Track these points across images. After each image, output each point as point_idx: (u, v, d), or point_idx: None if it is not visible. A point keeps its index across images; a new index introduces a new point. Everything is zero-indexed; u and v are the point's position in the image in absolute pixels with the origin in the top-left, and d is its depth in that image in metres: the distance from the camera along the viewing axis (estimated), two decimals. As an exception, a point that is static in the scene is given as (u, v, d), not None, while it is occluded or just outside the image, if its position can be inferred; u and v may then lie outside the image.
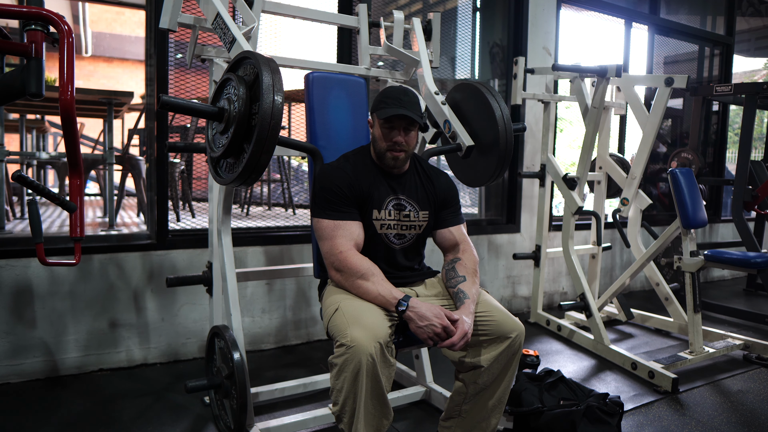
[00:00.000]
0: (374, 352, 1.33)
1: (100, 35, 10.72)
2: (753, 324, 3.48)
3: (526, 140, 3.63)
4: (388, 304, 1.47)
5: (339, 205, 1.58)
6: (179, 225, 3.11)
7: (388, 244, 1.67)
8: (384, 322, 1.43)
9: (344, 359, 1.34)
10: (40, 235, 1.58)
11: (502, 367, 1.56)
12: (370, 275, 1.50)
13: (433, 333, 1.42)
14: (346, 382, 1.35)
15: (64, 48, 1.41)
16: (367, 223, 1.63)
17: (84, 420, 1.97)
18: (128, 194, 5.50)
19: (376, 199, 1.63)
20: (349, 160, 1.67)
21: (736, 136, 5.21)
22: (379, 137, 1.64)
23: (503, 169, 1.90)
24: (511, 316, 1.58)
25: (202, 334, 2.61)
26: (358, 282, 1.50)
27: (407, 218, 1.68)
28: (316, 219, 1.59)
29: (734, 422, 2.09)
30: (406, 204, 1.68)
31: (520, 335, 1.55)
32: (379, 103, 1.64)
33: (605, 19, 4.17)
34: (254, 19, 1.89)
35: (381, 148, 1.64)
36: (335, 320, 1.45)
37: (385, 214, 1.64)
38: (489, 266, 3.54)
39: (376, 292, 1.48)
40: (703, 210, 2.73)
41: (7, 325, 2.25)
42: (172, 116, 3.42)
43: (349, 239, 1.56)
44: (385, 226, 1.65)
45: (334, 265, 1.54)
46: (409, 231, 1.69)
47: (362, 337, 1.34)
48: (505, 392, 1.61)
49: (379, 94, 1.68)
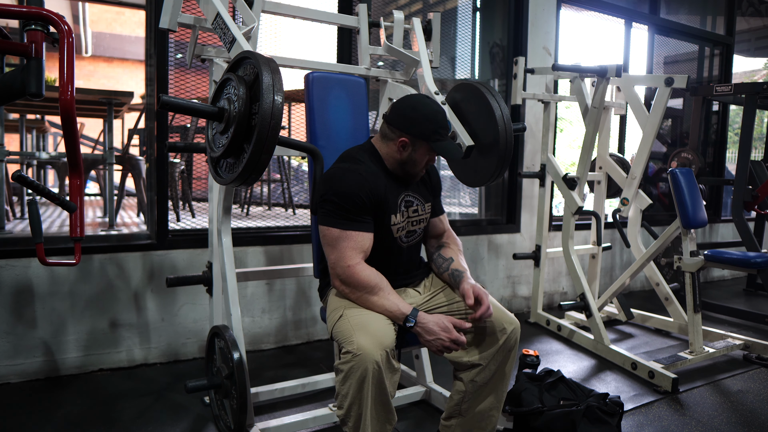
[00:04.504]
0: (380, 359, 1.33)
1: (100, 35, 10.72)
2: (753, 324, 3.48)
3: (526, 140, 3.63)
4: (396, 319, 1.47)
5: (353, 214, 1.50)
6: (179, 225, 3.11)
7: (399, 245, 1.65)
8: (389, 328, 1.43)
9: (350, 366, 1.34)
10: (40, 235, 1.58)
11: (500, 364, 1.57)
12: (378, 290, 1.48)
13: (441, 346, 1.44)
14: (352, 389, 1.35)
15: (64, 48, 1.41)
16: (385, 228, 1.58)
17: (84, 420, 1.97)
18: (128, 194, 5.50)
19: (392, 204, 1.59)
20: (363, 163, 1.58)
21: (736, 136, 5.21)
22: (419, 161, 1.59)
23: (503, 169, 1.90)
24: (506, 311, 1.60)
25: (202, 334, 2.61)
26: (366, 296, 1.48)
27: (416, 213, 1.68)
28: (325, 226, 1.51)
29: (734, 422, 2.09)
30: (413, 200, 1.67)
31: (515, 330, 1.57)
32: (433, 133, 1.54)
33: (605, 19, 4.17)
34: (254, 19, 1.89)
35: (415, 172, 1.62)
36: (340, 326, 1.45)
37: (400, 217, 1.62)
38: (489, 266, 3.54)
39: (383, 307, 1.47)
40: (703, 210, 2.73)
41: (7, 325, 2.25)
42: (172, 116, 3.41)
43: (359, 251, 1.50)
44: (400, 230, 1.63)
45: (341, 278, 1.50)
46: (418, 226, 1.69)
47: (368, 344, 1.34)
48: (503, 390, 1.62)
49: (418, 114, 1.54)
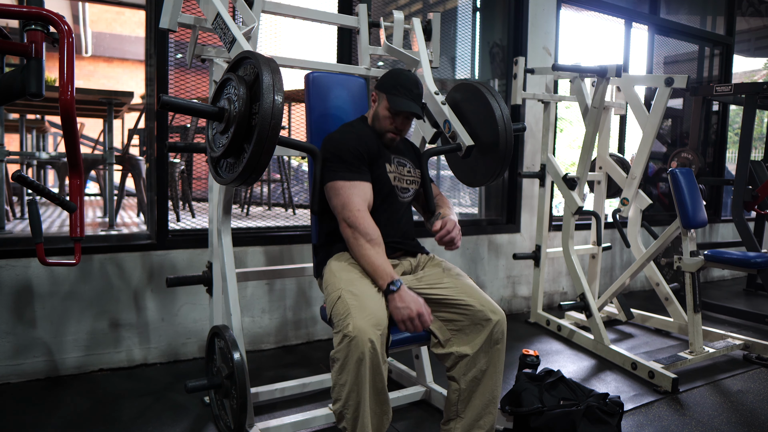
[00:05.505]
0: (376, 339, 1.38)
1: (100, 35, 10.72)
2: (753, 324, 3.48)
3: (526, 140, 3.63)
4: (383, 279, 1.53)
5: (354, 166, 1.66)
6: (179, 225, 3.11)
7: (398, 198, 1.78)
8: (384, 312, 1.48)
9: (346, 352, 1.38)
10: (40, 235, 1.58)
11: (489, 359, 1.59)
12: (376, 244, 1.58)
13: (407, 316, 1.47)
14: (350, 375, 1.38)
15: (64, 48, 1.41)
16: (383, 177, 1.73)
17: (84, 420, 1.97)
18: (128, 194, 5.50)
19: (386, 156, 1.77)
20: (353, 127, 1.79)
21: (736, 136, 5.20)
22: (383, 117, 1.76)
23: (503, 169, 1.90)
24: (492, 301, 1.63)
25: (202, 334, 2.61)
26: (366, 245, 1.57)
27: (409, 173, 1.83)
28: (332, 181, 1.65)
29: (734, 422, 2.09)
30: (405, 162, 1.84)
31: (500, 322, 1.60)
32: (392, 87, 1.74)
33: (605, 19, 4.17)
34: (254, 19, 1.89)
35: (381, 128, 1.77)
36: (338, 307, 1.50)
37: (394, 167, 1.78)
38: (489, 266, 3.55)
39: (376, 263, 1.55)
40: (703, 210, 2.73)
41: (7, 325, 2.25)
42: (172, 116, 3.42)
43: (363, 199, 1.64)
44: (397, 179, 1.78)
45: (348, 220, 1.60)
46: (411, 185, 1.83)
47: (364, 325, 1.39)
48: (496, 386, 1.63)
49: (390, 73, 1.78)
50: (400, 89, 1.72)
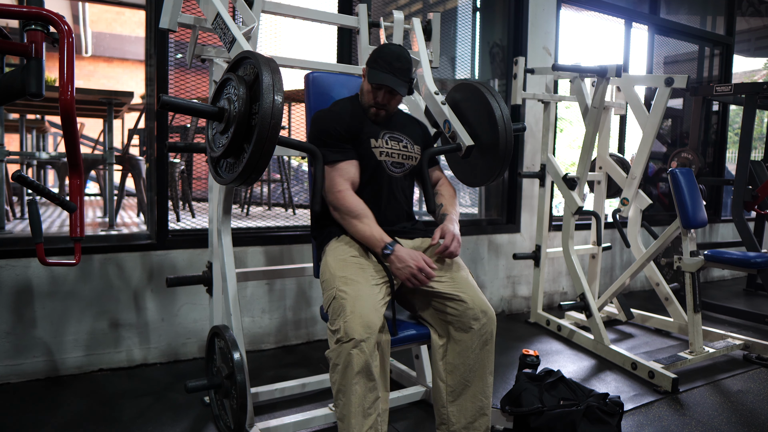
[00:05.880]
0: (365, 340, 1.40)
1: (100, 35, 10.72)
2: (753, 324, 3.48)
3: (526, 140, 3.63)
4: (376, 245, 1.57)
5: (334, 146, 1.67)
6: (179, 225, 3.11)
7: (388, 173, 1.74)
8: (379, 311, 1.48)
9: (337, 353, 1.43)
10: (40, 235, 1.58)
11: (477, 358, 1.59)
12: (363, 216, 1.61)
13: (410, 274, 1.53)
14: (339, 375, 1.43)
15: (64, 48, 1.41)
16: (367, 153, 1.71)
17: (84, 420, 1.97)
18: (128, 194, 5.49)
19: (371, 131, 1.74)
20: (339, 104, 1.79)
21: (736, 136, 5.20)
22: (366, 92, 1.75)
23: (503, 169, 1.90)
24: (485, 301, 1.62)
25: (202, 334, 2.61)
26: (353, 222, 1.61)
27: (405, 149, 1.79)
28: None
29: (734, 422, 2.09)
30: (400, 137, 1.80)
31: (490, 322, 1.60)
32: (372, 61, 1.73)
33: (605, 19, 4.17)
34: (254, 19, 1.89)
35: (365, 102, 1.76)
36: (334, 305, 1.51)
37: (382, 142, 1.75)
38: (489, 266, 3.54)
39: (368, 233, 1.59)
40: (703, 210, 2.73)
41: (7, 325, 2.25)
42: (172, 116, 3.42)
43: (346, 179, 1.66)
44: (384, 153, 1.74)
45: (333, 203, 1.65)
46: (407, 161, 1.79)
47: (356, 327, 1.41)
48: (486, 389, 1.62)
49: (376, 49, 1.77)
50: (380, 62, 1.70)
